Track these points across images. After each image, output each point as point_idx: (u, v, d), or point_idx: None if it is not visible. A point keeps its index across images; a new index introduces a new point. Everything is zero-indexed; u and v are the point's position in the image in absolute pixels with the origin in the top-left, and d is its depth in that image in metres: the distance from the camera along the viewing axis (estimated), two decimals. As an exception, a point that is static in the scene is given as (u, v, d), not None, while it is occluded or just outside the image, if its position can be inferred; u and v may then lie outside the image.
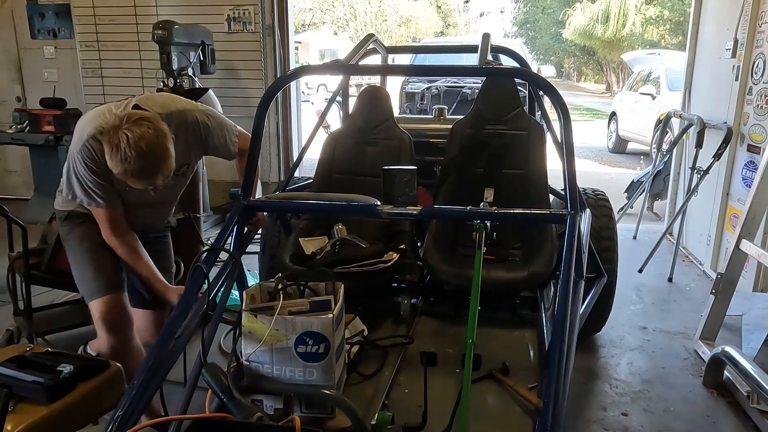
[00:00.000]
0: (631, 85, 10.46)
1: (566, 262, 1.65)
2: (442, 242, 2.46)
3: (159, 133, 1.75)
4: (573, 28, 24.52)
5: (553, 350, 1.41)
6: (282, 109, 5.42)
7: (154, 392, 1.36)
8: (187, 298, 1.55)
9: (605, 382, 2.68)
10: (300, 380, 1.60)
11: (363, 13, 31.38)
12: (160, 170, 1.79)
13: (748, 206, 2.80)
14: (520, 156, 2.63)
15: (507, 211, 2.03)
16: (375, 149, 2.73)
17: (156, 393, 1.37)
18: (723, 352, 2.52)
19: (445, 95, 6.99)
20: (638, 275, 3.94)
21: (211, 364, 1.57)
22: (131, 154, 1.70)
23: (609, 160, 9.65)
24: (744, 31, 3.61)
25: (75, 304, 3.10)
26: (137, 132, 1.70)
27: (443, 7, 35.81)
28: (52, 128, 4.78)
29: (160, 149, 1.75)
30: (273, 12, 5.24)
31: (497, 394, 1.83)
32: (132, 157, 1.70)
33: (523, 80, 2.55)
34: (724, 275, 2.86)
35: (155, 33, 4.52)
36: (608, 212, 2.87)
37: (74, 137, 1.91)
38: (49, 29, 5.64)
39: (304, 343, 1.57)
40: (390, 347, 2.06)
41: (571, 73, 35.12)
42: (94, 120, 1.88)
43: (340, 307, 1.67)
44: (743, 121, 3.61)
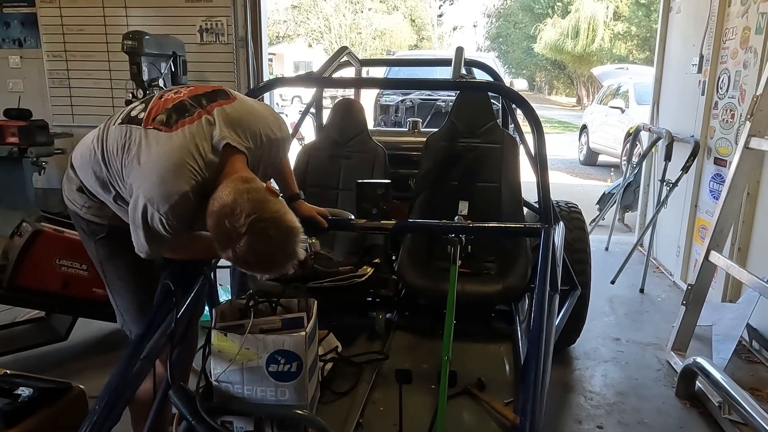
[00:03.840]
0: (601, 99, 10.66)
1: (541, 275, 1.64)
2: (416, 256, 2.44)
3: (285, 238, 1.37)
4: (544, 43, 24.97)
5: (529, 365, 1.39)
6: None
7: (118, 416, 1.30)
8: (153, 316, 1.49)
9: (580, 395, 2.68)
10: (272, 400, 1.56)
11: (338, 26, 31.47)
12: (283, 268, 1.43)
13: (716, 219, 2.85)
14: (494, 169, 2.63)
15: (482, 225, 2.03)
16: (349, 162, 2.70)
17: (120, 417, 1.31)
18: (695, 363, 2.54)
19: (420, 108, 7.02)
20: (611, 286, 3.97)
21: (179, 385, 1.52)
22: (252, 260, 1.38)
23: (580, 172, 9.79)
24: (709, 47, 3.70)
25: (38, 322, 3.00)
26: (261, 241, 1.34)
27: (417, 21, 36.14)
28: (17, 140, 4.64)
29: (286, 255, 1.39)
30: (246, 23, 5.19)
31: (473, 410, 1.81)
32: (253, 263, 1.39)
33: (497, 94, 2.57)
34: (694, 286, 2.90)
35: (125, 43, 4.44)
36: (581, 225, 2.89)
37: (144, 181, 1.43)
38: (14, 38, 5.50)
39: (276, 361, 1.54)
40: (365, 363, 2.03)
41: (542, 87, 35.71)
42: (180, 171, 1.42)
43: (313, 324, 1.64)
44: (710, 134, 3.69)
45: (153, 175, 1.41)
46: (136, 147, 1.47)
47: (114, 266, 1.74)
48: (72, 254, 2.68)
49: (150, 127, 1.49)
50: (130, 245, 1.58)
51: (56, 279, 2.68)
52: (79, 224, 1.74)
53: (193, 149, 1.45)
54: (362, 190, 1.92)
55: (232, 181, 1.42)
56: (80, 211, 1.68)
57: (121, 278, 1.74)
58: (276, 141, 1.67)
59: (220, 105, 1.55)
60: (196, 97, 1.56)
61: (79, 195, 1.67)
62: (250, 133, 1.56)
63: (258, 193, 1.38)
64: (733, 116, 3.40)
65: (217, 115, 1.51)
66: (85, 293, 2.71)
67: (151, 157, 1.44)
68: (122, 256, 1.69)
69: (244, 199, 1.35)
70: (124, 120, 1.55)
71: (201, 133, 1.47)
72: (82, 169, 1.61)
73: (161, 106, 1.54)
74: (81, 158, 1.62)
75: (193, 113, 1.50)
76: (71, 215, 1.75)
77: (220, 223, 1.35)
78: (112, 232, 1.68)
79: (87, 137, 1.67)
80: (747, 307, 2.84)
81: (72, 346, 2.93)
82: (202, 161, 1.45)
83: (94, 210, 1.67)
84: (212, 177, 1.46)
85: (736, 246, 3.24)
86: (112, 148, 1.52)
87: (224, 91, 1.63)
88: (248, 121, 1.58)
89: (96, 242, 1.72)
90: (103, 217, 1.67)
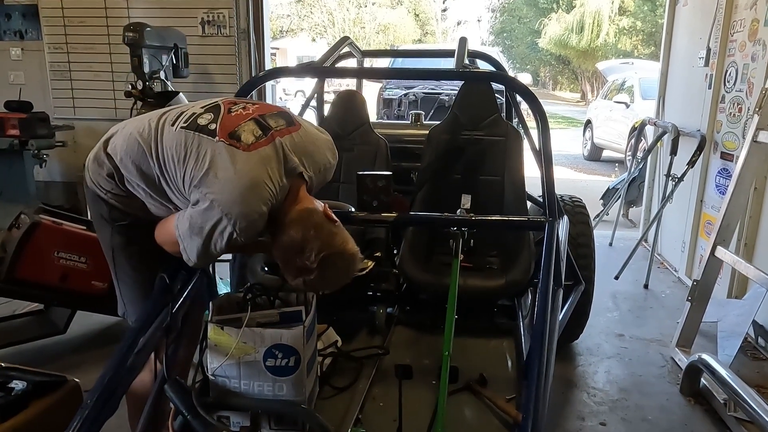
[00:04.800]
0: (606, 94, 10.59)
1: (545, 270, 1.61)
2: (418, 250, 2.41)
3: (350, 265, 1.48)
4: (548, 38, 24.83)
5: (532, 362, 1.36)
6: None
7: (112, 410, 1.27)
8: (149, 310, 1.47)
9: (583, 391, 2.65)
10: (269, 395, 1.54)
11: (341, 20, 31.34)
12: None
13: (723, 214, 2.81)
14: (497, 162, 2.59)
15: (484, 218, 2.00)
16: (350, 155, 2.67)
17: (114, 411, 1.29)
18: (699, 359, 2.51)
19: (423, 102, 6.97)
20: (614, 282, 3.93)
21: (174, 379, 1.49)
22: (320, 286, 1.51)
23: (584, 168, 9.74)
24: (716, 40, 3.65)
25: (36, 315, 2.98)
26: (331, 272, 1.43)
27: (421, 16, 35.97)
28: (17, 132, 4.60)
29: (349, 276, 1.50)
30: (248, 16, 5.14)
31: (474, 406, 1.78)
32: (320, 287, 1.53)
33: (501, 84, 2.52)
34: (700, 282, 2.86)
35: (126, 35, 4.40)
36: (585, 219, 2.85)
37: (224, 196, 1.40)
38: (15, 30, 5.46)
39: (274, 356, 1.51)
40: (365, 359, 2.00)
41: (546, 82, 35.57)
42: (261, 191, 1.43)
43: (311, 318, 1.61)
44: (716, 128, 3.64)
45: (235, 191, 1.41)
46: (209, 159, 1.45)
47: (128, 255, 1.71)
48: (71, 247, 2.66)
49: (227, 143, 1.47)
50: (148, 236, 1.60)
51: (55, 272, 2.65)
52: (97, 207, 1.68)
53: (270, 172, 1.47)
54: (363, 183, 1.89)
55: (298, 214, 1.47)
56: (104, 195, 1.64)
57: (133, 268, 1.72)
58: (331, 168, 1.72)
59: (289, 132, 1.57)
60: (265, 116, 1.57)
61: (107, 181, 1.61)
62: (313, 163, 1.60)
63: (323, 229, 1.45)
64: (740, 110, 3.35)
65: (287, 142, 1.54)
66: (83, 286, 2.69)
67: (231, 173, 1.43)
68: (138, 246, 1.69)
69: (312, 236, 1.42)
70: (190, 126, 1.52)
71: (276, 158, 1.49)
72: (125, 159, 1.57)
73: (234, 121, 1.53)
74: (124, 148, 1.57)
75: (266, 134, 1.51)
76: (89, 197, 1.70)
77: (290, 259, 1.43)
78: (132, 222, 1.67)
79: (127, 128, 1.61)
80: (753, 303, 2.80)
81: (70, 340, 2.91)
82: (278, 185, 1.47)
83: (119, 198, 1.63)
84: (281, 201, 1.50)
85: (742, 241, 3.19)
86: (173, 152, 1.50)
87: (289, 114, 1.66)
88: (312, 151, 1.62)
89: (113, 228, 1.69)
90: (128, 206, 1.64)
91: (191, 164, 1.47)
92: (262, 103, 1.67)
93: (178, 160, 1.49)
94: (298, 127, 1.61)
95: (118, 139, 1.60)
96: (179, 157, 1.49)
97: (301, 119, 1.70)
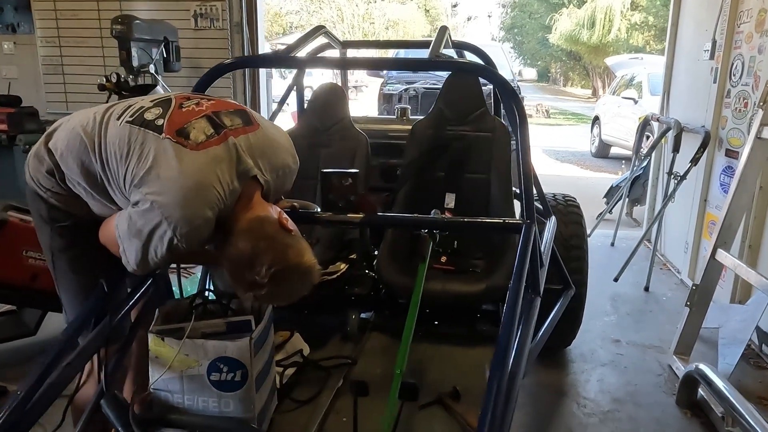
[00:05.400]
0: (614, 90, 10.38)
1: (516, 276, 1.48)
2: (397, 252, 2.28)
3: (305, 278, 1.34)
4: (559, 33, 24.53)
5: (491, 383, 1.23)
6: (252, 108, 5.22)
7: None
8: (79, 320, 1.35)
9: (573, 401, 2.51)
10: (215, 412, 1.42)
11: (350, 16, 31.19)
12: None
13: (724, 214, 2.65)
14: (483, 159, 2.46)
15: (456, 220, 1.87)
16: (329, 151, 2.55)
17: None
18: (697, 370, 2.36)
19: (423, 97, 6.82)
20: (614, 284, 3.78)
21: (112, 394, 1.38)
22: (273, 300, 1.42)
23: (591, 165, 9.55)
24: (722, 32, 3.48)
25: (9, 315, 2.89)
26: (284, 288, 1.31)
27: (431, 11, 35.73)
28: (5, 127, 4.52)
29: (306, 290, 1.36)
30: (241, 9, 5.04)
31: (444, 422, 1.65)
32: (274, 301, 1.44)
33: (475, 74, 2.38)
34: (699, 286, 2.72)
35: (114, 28, 4.31)
36: (578, 219, 2.71)
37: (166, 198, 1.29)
38: (7, 24, 5.39)
39: (218, 370, 1.39)
40: (332, 368, 1.88)
41: (557, 78, 35.22)
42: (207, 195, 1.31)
43: (263, 327, 1.49)
44: (721, 124, 3.47)
45: (177, 194, 1.29)
46: (152, 157, 1.34)
47: (68, 259, 1.59)
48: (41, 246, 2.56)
49: (173, 140, 1.35)
50: (91, 238, 1.48)
51: (24, 271, 2.54)
52: (37, 207, 1.57)
53: (219, 174, 1.35)
54: (328, 181, 1.76)
55: (248, 223, 1.35)
56: (44, 194, 1.53)
57: (74, 272, 1.60)
58: (290, 173, 1.60)
59: (246, 132, 1.45)
60: (219, 114, 1.45)
61: (48, 178, 1.50)
62: (270, 167, 1.49)
63: (276, 241, 1.33)
64: (746, 105, 3.18)
65: (242, 142, 1.42)
66: (54, 287, 2.58)
67: (174, 173, 1.31)
68: (79, 248, 1.57)
69: (263, 248, 1.29)
70: (136, 121, 1.40)
71: (228, 159, 1.37)
72: (65, 155, 1.46)
73: (184, 117, 1.41)
74: (65, 143, 1.46)
75: (219, 133, 1.40)
76: (29, 195, 1.58)
77: (239, 273, 1.30)
78: (74, 223, 1.55)
79: (71, 122, 1.50)
80: (756, 309, 2.64)
81: (43, 341, 2.81)
82: (228, 188, 1.35)
83: (60, 198, 1.52)
84: (231, 205, 1.38)
85: (746, 243, 3.04)
86: (116, 149, 1.38)
87: (247, 113, 1.52)
88: (270, 154, 1.50)
89: (53, 229, 1.57)
90: (69, 206, 1.52)
91: (133, 162, 1.35)
92: (220, 99, 1.54)
93: (120, 156, 1.37)
94: (255, 127, 1.49)
95: (61, 133, 1.49)
96: (122, 153, 1.37)
97: (262, 119, 1.56)
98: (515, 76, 8.37)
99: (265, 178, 1.46)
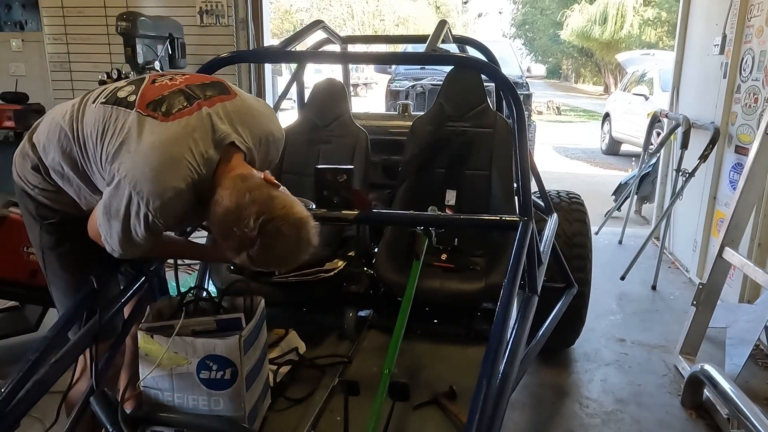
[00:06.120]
0: (625, 86, 10.26)
1: (510, 275, 1.45)
2: (395, 249, 2.25)
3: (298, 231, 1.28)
4: (571, 30, 24.32)
5: (482, 376, 1.19)
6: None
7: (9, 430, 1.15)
8: (66, 317, 1.34)
9: (575, 401, 2.48)
10: (204, 410, 1.40)
11: (360, 13, 31.15)
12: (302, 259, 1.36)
13: (732, 212, 2.60)
14: (484, 155, 2.42)
15: (452, 217, 1.84)
16: (329, 147, 2.52)
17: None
18: (702, 370, 2.31)
19: (431, 93, 6.75)
20: (620, 283, 3.72)
21: (102, 391, 1.37)
22: (269, 260, 1.31)
23: (601, 162, 9.44)
24: (732, 26, 3.41)
25: (12, 311, 2.90)
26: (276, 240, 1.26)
27: (442, 8, 35.58)
28: (12, 123, 4.56)
29: (302, 247, 1.31)
30: (247, 5, 5.02)
31: (439, 422, 1.63)
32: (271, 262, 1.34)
33: (472, 69, 2.35)
34: (706, 285, 2.66)
35: (119, 25, 4.32)
36: (582, 217, 2.66)
37: (135, 172, 1.27)
38: (15, 21, 5.42)
39: (208, 368, 1.38)
40: (327, 367, 1.86)
41: (569, 75, 34.94)
42: (177, 166, 1.29)
43: (254, 325, 1.47)
44: (731, 120, 3.41)
45: (146, 167, 1.27)
46: (124, 133, 1.32)
47: (57, 256, 1.59)
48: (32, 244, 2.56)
49: (144, 113, 1.34)
50: (81, 237, 1.46)
51: (23, 267, 2.55)
52: (25, 204, 1.57)
53: (192, 144, 1.32)
54: (322, 177, 1.74)
55: (230, 182, 1.31)
56: (32, 191, 1.52)
57: (64, 269, 1.59)
58: (274, 142, 1.55)
59: (222, 101, 1.41)
60: (193, 86, 1.42)
61: (34, 175, 1.50)
62: (251, 133, 1.44)
63: (260, 191, 1.28)
64: (756, 100, 3.12)
65: (218, 110, 1.39)
66: (53, 283, 2.59)
67: (144, 146, 1.30)
68: (69, 246, 1.56)
69: (248, 201, 1.25)
70: (109, 100, 1.39)
71: (202, 128, 1.35)
72: (47, 147, 1.45)
73: (156, 91, 1.39)
74: (46, 136, 1.46)
75: (192, 104, 1.37)
76: (18, 193, 1.59)
77: (228, 231, 1.26)
78: (62, 220, 1.54)
79: (52, 114, 1.50)
80: (765, 308, 2.58)
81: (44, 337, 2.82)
82: (202, 158, 1.32)
83: (47, 194, 1.51)
84: (208, 175, 1.34)
85: (755, 242, 2.98)
86: (91, 129, 1.37)
87: (224, 84, 1.49)
88: (249, 121, 1.45)
89: (42, 227, 1.56)
90: (57, 202, 1.52)
91: (107, 139, 1.34)
92: (195, 74, 1.51)
93: (96, 137, 1.36)
94: (233, 96, 1.46)
95: (42, 127, 1.48)
96: (97, 133, 1.36)
97: (240, 90, 1.53)
98: (523, 73, 8.27)
99: (247, 145, 1.42)
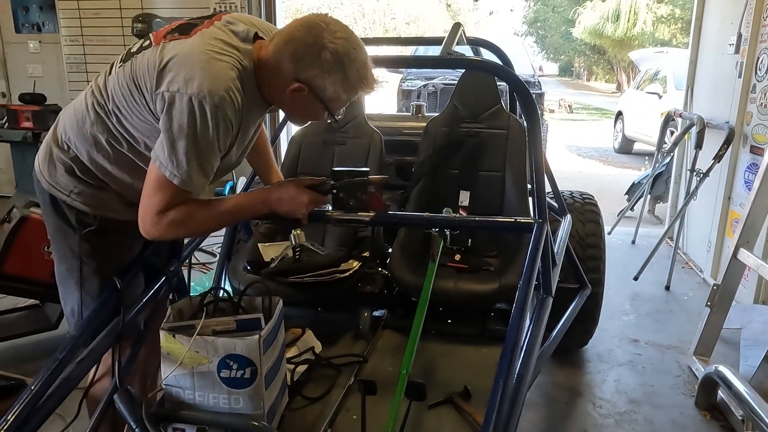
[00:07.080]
0: (638, 84, 10.19)
1: (525, 276, 1.46)
2: (409, 250, 2.27)
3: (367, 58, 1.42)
4: (583, 27, 24.19)
5: (499, 377, 1.21)
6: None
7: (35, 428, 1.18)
8: (91, 316, 1.38)
9: (589, 402, 2.48)
10: (225, 408, 1.43)
11: (371, 11, 31.15)
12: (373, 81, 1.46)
13: (747, 212, 2.59)
14: (497, 157, 2.44)
15: (467, 219, 1.85)
16: (343, 148, 2.55)
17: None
18: (716, 371, 2.31)
19: (442, 93, 6.77)
20: (634, 283, 3.72)
21: (125, 389, 1.40)
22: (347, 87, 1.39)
23: (614, 161, 9.40)
24: (748, 24, 3.39)
25: (33, 309, 2.96)
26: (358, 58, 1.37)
27: (453, 6, 35.45)
28: (31, 124, 4.62)
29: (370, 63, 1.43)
30: (260, 6, 5.08)
31: (455, 422, 1.64)
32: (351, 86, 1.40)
33: (487, 71, 2.36)
34: (720, 286, 2.66)
35: (134, 26, 4.39)
36: (595, 217, 2.67)
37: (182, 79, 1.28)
38: (33, 23, 5.51)
39: (228, 367, 1.40)
40: (343, 366, 1.88)
41: (581, 73, 34.73)
42: (221, 58, 1.33)
43: (273, 325, 1.49)
44: (746, 120, 3.39)
45: (194, 70, 1.28)
46: (156, 63, 1.32)
47: (96, 264, 1.55)
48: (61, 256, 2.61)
49: (166, 41, 1.37)
50: (117, 241, 1.52)
51: (43, 267, 2.59)
52: (60, 213, 1.53)
53: (222, 44, 1.36)
54: (338, 179, 1.76)
55: (278, 36, 1.39)
56: (68, 197, 1.49)
57: (101, 276, 1.55)
58: None
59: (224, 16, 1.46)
60: (194, 18, 1.46)
61: (69, 178, 1.48)
62: (267, 28, 1.50)
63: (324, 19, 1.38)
64: (772, 100, 3.10)
65: (228, 18, 1.44)
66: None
67: (180, 57, 1.31)
68: (107, 254, 1.56)
69: (319, 26, 1.35)
70: (126, 59, 1.42)
71: (224, 33, 1.39)
72: (79, 141, 1.46)
73: (164, 29, 1.44)
74: (74, 132, 1.46)
75: (203, 22, 1.41)
76: (47, 207, 1.56)
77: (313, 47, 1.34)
78: (102, 226, 1.52)
79: (67, 112, 1.52)
80: (780, 310, 2.59)
81: (63, 335, 2.87)
82: (237, 51, 1.37)
83: (86, 196, 1.49)
84: (250, 69, 1.39)
85: (771, 243, 2.96)
86: (120, 91, 1.38)
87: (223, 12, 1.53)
88: (256, 21, 1.50)
89: (81, 236, 1.52)
90: (96, 205, 1.50)
91: (143, 82, 1.34)
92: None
93: (127, 92, 1.37)
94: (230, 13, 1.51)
95: (63, 126, 1.50)
96: (126, 88, 1.37)
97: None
98: (535, 71, 8.25)
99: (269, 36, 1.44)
